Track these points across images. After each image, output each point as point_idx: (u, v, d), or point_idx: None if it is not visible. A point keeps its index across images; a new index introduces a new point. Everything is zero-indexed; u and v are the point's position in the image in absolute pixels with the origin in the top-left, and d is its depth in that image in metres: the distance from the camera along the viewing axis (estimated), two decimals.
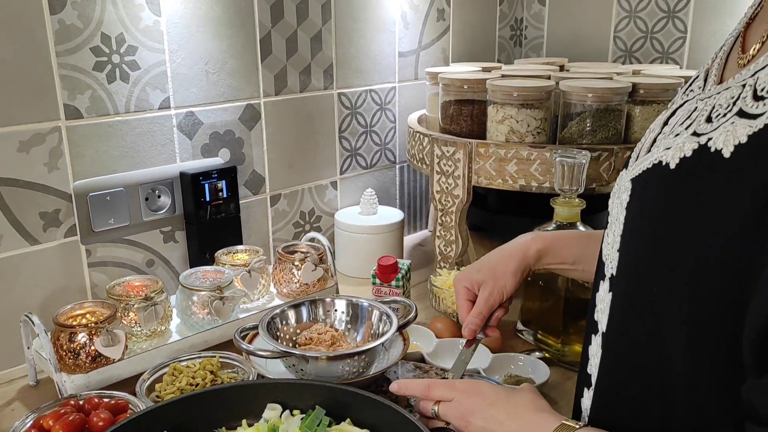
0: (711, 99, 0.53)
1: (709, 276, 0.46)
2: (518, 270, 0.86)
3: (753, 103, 0.46)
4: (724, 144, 0.46)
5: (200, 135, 1.16)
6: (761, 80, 0.47)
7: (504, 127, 1.17)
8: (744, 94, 0.48)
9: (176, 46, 1.09)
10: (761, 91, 0.46)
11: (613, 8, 1.55)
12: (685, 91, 0.61)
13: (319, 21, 1.28)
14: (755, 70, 0.49)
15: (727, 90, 0.51)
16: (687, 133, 0.51)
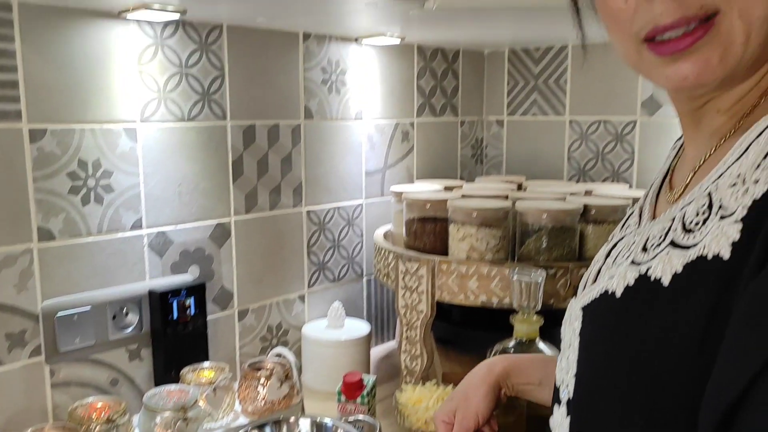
0: (645, 231, 0.58)
1: (662, 398, 0.49)
2: (489, 390, 0.88)
3: (683, 235, 0.51)
4: (662, 272, 0.50)
5: (170, 253, 1.19)
6: (688, 214, 0.52)
7: (465, 245, 1.23)
8: (674, 226, 0.53)
9: (151, 170, 1.14)
10: (689, 225, 0.51)
11: (566, 131, 1.66)
12: (622, 227, 0.67)
13: (290, 144, 1.36)
14: (682, 205, 0.54)
15: (659, 224, 0.56)
16: (627, 262, 0.56)
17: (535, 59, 1.69)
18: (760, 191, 0.46)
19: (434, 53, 1.65)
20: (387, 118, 1.56)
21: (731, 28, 0.48)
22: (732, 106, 0.54)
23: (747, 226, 0.45)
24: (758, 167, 0.48)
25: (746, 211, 0.46)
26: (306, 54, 1.36)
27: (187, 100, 1.18)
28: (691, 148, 0.60)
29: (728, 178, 0.50)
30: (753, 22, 0.47)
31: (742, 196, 0.47)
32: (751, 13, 0.47)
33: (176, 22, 1.14)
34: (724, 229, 0.47)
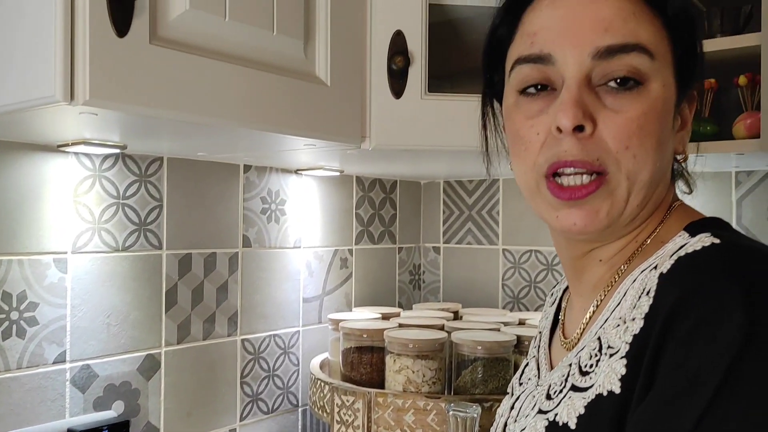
0: (546, 380, 0.61)
1: None
2: None
3: (581, 378, 0.54)
4: (568, 416, 0.53)
5: (94, 388, 1.13)
6: (583, 359, 0.56)
7: (401, 377, 1.22)
8: (572, 371, 0.56)
9: (79, 301, 1.11)
10: (585, 367, 0.55)
11: (499, 259, 1.71)
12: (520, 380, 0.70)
13: (226, 272, 1.35)
14: (577, 351, 0.58)
15: (558, 371, 0.59)
16: (534, 412, 0.59)
17: (468, 190, 1.76)
18: (638, 326, 0.50)
19: (372, 183, 1.71)
20: (326, 246, 1.58)
21: (618, 187, 0.54)
22: (612, 257, 0.60)
23: (630, 361, 0.50)
24: (634, 308, 0.52)
25: (628, 347, 0.50)
26: (246, 184, 1.39)
27: (122, 230, 1.17)
28: (578, 298, 0.65)
29: (612, 320, 0.55)
30: (636, 184, 0.55)
31: (623, 334, 0.52)
32: (636, 177, 0.54)
33: (116, 155, 1.16)
34: (612, 366, 0.51)
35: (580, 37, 0.54)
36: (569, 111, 0.53)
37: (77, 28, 0.70)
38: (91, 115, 0.79)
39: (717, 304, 0.45)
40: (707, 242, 0.50)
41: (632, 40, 0.54)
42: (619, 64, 0.54)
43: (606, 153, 0.54)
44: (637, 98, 0.54)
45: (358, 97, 1.05)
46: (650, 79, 0.54)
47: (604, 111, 0.54)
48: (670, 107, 0.56)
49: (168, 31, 0.79)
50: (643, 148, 0.53)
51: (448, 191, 1.80)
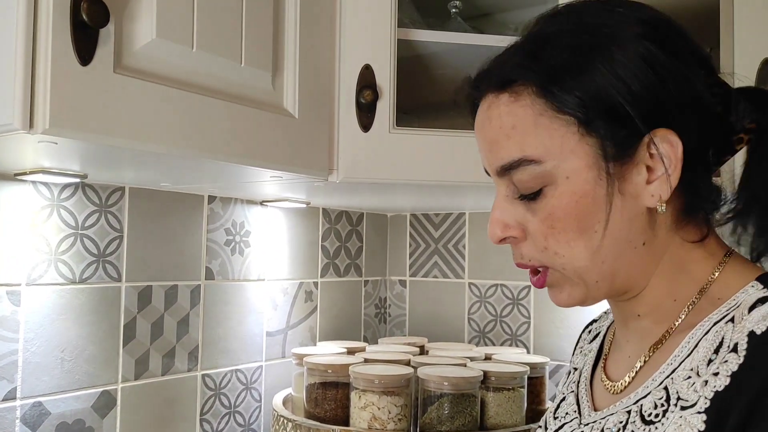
0: (596, 424, 0.59)
1: None
2: None
3: (644, 426, 0.53)
4: None
5: (46, 426, 1.08)
6: (646, 407, 0.54)
7: (366, 414, 1.19)
8: (632, 418, 0.55)
9: (32, 335, 1.06)
10: (648, 416, 0.53)
11: (465, 293, 1.71)
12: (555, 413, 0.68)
13: (188, 305, 1.32)
14: (636, 398, 0.56)
15: (612, 415, 0.58)
16: None
17: (435, 224, 1.77)
18: (722, 383, 0.49)
19: (339, 215, 1.70)
20: (291, 279, 1.56)
21: (563, 277, 0.58)
22: (650, 312, 0.60)
23: (711, 416, 0.48)
24: (711, 362, 0.51)
25: (709, 403, 0.49)
26: (210, 215, 1.36)
27: (80, 261, 1.13)
28: (625, 342, 0.64)
29: (682, 371, 0.53)
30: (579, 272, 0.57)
31: (701, 388, 0.50)
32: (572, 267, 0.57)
33: (76, 184, 1.13)
34: (687, 419, 0.49)
35: (488, 161, 0.60)
36: (490, 229, 0.59)
37: (39, 54, 0.69)
38: (51, 144, 0.76)
39: None
40: None
41: (516, 155, 0.57)
42: (515, 180, 0.57)
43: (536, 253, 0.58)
44: (540, 204, 0.57)
45: (326, 129, 1.05)
46: (547, 182, 0.56)
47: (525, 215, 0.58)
48: (589, 188, 0.55)
49: (133, 60, 0.77)
50: (562, 243, 0.56)
51: (414, 224, 1.80)
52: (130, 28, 0.77)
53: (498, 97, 0.58)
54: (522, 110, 0.56)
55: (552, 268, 0.58)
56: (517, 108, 0.56)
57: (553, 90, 0.55)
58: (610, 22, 0.55)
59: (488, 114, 0.59)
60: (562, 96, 0.55)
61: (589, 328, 0.81)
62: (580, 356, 0.76)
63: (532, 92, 0.56)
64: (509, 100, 0.57)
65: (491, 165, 0.59)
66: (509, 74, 0.57)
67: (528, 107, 0.56)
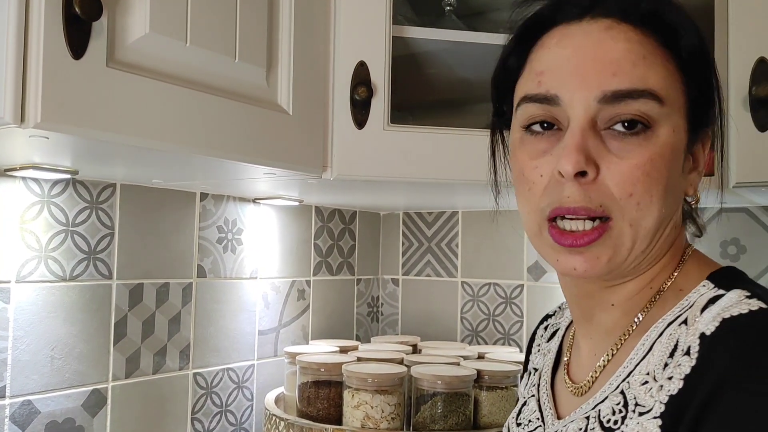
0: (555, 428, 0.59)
1: None
2: None
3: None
4: None
5: (35, 425, 1.07)
6: (604, 412, 0.54)
7: (359, 413, 1.19)
8: (591, 425, 0.54)
9: (22, 333, 1.05)
10: (607, 423, 0.53)
11: (458, 292, 1.71)
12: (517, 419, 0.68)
13: (179, 303, 1.31)
14: (594, 403, 0.56)
15: (573, 422, 0.57)
16: None
17: (428, 222, 1.76)
18: (675, 387, 0.49)
19: (332, 214, 1.69)
20: (283, 277, 1.55)
21: (621, 235, 0.53)
22: (625, 302, 0.58)
23: (666, 421, 0.48)
24: (666, 366, 0.51)
25: (664, 407, 0.49)
26: (202, 213, 1.35)
27: (70, 258, 1.12)
28: (586, 340, 0.63)
29: (638, 376, 0.53)
30: (640, 232, 0.53)
31: (657, 393, 0.50)
32: (640, 224, 0.53)
33: (66, 180, 1.11)
34: (644, 425, 0.49)
35: (587, 80, 0.53)
36: (572, 157, 0.52)
37: (31, 48, 0.68)
38: (42, 139, 0.75)
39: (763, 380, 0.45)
40: (753, 306, 0.49)
41: (641, 85, 0.52)
42: (626, 109, 0.53)
43: (609, 199, 0.53)
44: (644, 144, 0.53)
45: (320, 126, 1.04)
46: (658, 125, 0.53)
47: (608, 156, 0.53)
48: (680, 151, 0.55)
49: (126, 54, 0.76)
50: (648, 195, 0.52)
51: (407, 223, 1.80)
52: (123, 21, 0.76)
53: (622, 23, 0.54)
54: (652, 48, 0.54)
55: (611, 222, 0.53)
56: (648, 43, 0.54)
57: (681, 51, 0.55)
58: None
59: (610, 34, 0.54)
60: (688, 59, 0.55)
61: (545, 324, 0.80)
62: (539, 356, 0.75)
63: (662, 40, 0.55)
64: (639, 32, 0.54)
65: (597, 87, 0.53)
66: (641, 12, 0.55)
67: (659, 49, 0.54)
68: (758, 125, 0.96)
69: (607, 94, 0.53)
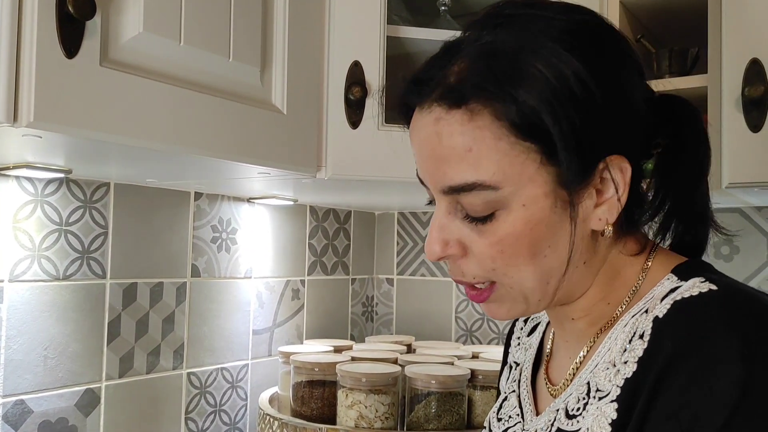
0: (532, 426, 0.61)
1: None
2: None
3: (567, 422, 0.55)
4: None
5: (28, 425, 1.07)
6: (570, 403, 0.56)
7: (353, 413, 1.19)
8: (558, 416, 0.57)
9: (15, 332, 1.05)
10: (572, 411, 0.55)
11: (453, 291, 1.71)
12: (498, 414, 0.68)
13: (173, 303, 1.30)
14: (565, 397, 0.58)
15: (544, 417, 0.60)
16: None
17: (422, 222, 1.76)
18: (630, 370, 0.50)
19: (327, 213, 1.69)
20: (278, 276, 1.55)
21: (509, 293, 0.56)
22: (584, 316, 0.60)
23: (621, 405, 0.50)
24: (624, 351, 0.53)
25: (620, 391, 0.50)
26: (196, 212, 1.35)
27: (63, 258, 1.12)
28: (563, 342, 0.65)
29: (602, 364, 0.55)
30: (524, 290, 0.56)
31: (614, 377, 0.52)
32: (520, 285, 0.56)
33: (60, 179, 1.11)
34: (602, 409, 0.51)
35: (430, 176, 0.57)
36: (429, 247, 0.56)
37: (24, 47, 0.68)
38: (35, 138, 0.75)
39: (715, 356, 0.46)
40: (704, 288, 0.50)
41: (470, 179, 0.53)
42: (464, 202, 0.54)
43: (481, 271, 0.56)
44: (492, 227, 0.54)
45: (315, 126, 1.04)
46: (501, 207, 0.53)
47: (471, 235, 0.55)
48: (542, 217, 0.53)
49: (120, 53, 0.76)
50: (511, 266, 0.54)
51: (402, 222, 1.80)
52: (116, 20, 0.76)
53: (449, 112, 0.53)
54: (479, 132, 0.52)
55: (497, 284, 0.56)
56: (473, 129, 0.52)
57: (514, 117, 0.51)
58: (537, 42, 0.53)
59: (437, 129, 0.54)
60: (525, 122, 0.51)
61: (527, 318, 0.80)
62: (520, 351, 0.75)
63: (491, 114, 0.52)
64: (464, 119, 0.53)
65: (437, 183, 0.55)
66: (466, 92, 0.53)
67: (486, 129, 0.52)
68: (751, 126, 0.96)
69: (445, 189, 0.55)
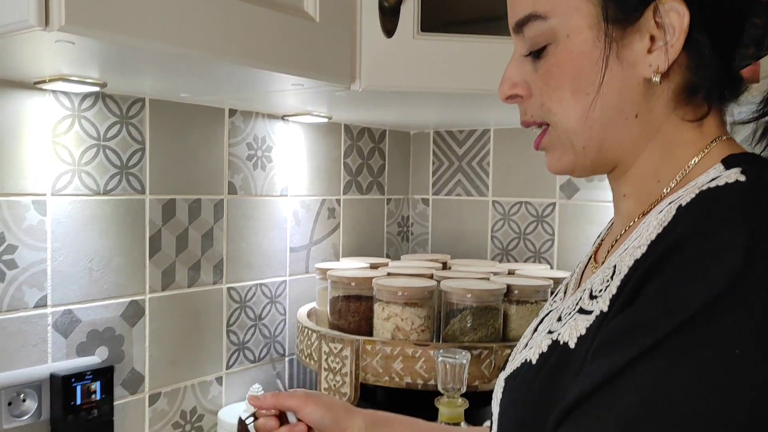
0: (563, 304, 0.62)
1: None
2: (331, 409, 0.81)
3: (589, 302, 0.56)
4: (569, 337, 0.54)
5: (77, 333, 1.11)
6: (595, 285, 0.57)
7: (390, 325, 1.21)
8: (584, 296, 0.58)
9: (60, 245, 1.08)
10: (595, 292, 0.56)
11: (489, 211, 1.70)
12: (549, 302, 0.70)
13: (212, 219, 1.32)
14: (594, 278, 0.59)
15: (573, 296, 0.61)
16: (544, 332, 0.60)
17: (458, 141, 1.74)
18: (640, 253, 0.51)
19: (361, 132, 1.68)
20: (313, 195, 1.56)
21: (557, 136, 0.59)
22: (634, 192, 0.60)
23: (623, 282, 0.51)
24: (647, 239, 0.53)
25: (627, 270, 0.51)
26: (231, 129, 1.35)
27: (103, 173, 1.13)
28: (615, 227, 0.66)
29: (630, 249, 0.55)
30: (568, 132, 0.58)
31: (629, 259, 0.53)
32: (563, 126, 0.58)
33: (96, 93, 1.11)
34: (610, 289, 0.53)
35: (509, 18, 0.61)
36: (500, 86, 0.62)
37: None
38: (68, 44, 0.75)
39: (718, 245, 0.45)
40: (732, 179, 0.49)
41: (526, 11, 0.58)
42: (526, 36, 0.59)
43: (538, 110, 0.59)
44: (544, 60, 0.58)
45: (348, 35, 1.01)
46: (552, 39, 0.57)
47: (531, 73, 0.60)
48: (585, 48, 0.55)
49: None
50: (555, 101, 0.58)
51: (438, 141, 1.77)
52: None
53: None
54: None
55: (551, 127, 0.59)
56: None
57: None
58: None
59: None
60: None
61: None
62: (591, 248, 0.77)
63: None
64: None
65: (510, 22, 0.60)
66: None
67: None
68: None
69: (514, 26, 0.60)
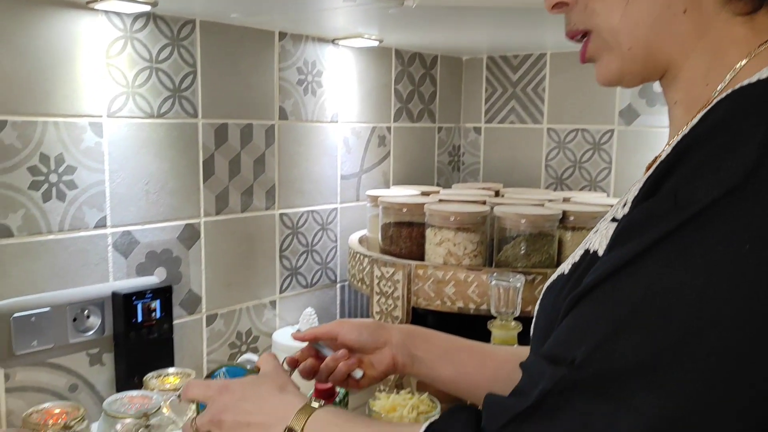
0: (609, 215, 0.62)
1: None
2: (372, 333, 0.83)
3: (621, 211, 0.55)
4: (599, 245, 0.54)
5: (136, 254, 1.14)
6: (630, 196, 0.55)
7: (442, 250, 1.20)
8: (617, 206, 0.57)
9: (117, 166, 1.09)
10: (628, 203, 0.54)
11: (543, 139, 1.65)
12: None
13: (263, 145, 1.32)
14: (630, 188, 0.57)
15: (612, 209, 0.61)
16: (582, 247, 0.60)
17: (513, 66, 1.68)
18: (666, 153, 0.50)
19: (412, 58, 1.64)
20: (363, 122, 1.54)
21: (600, 41, 0.57)
22: (684, 99, 0.58)
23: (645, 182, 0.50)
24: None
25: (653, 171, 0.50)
26: (281, 53, 1.33)
27: (156, 95, 1.14)
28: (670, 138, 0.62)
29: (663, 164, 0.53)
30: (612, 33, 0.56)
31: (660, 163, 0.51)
32: (609, 24, 0.56)
33: (147, 14, 1.10)
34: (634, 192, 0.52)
35: None
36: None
37: None
38: None
39: (736, 139, 0.44)
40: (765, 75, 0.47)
41: None
42: None
43: (582, 16, 0.57)
44: None
45: None
46: None
47: None
48: None
49: None
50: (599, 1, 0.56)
51: (491, 67, 1.72)
52: None
53: None
54: None
55: (594, 33, 0.57)
56: None
57: None
58: None
59: None
60: None
61: None
62: None
63: None
64: None
65: None
66: None
67: None
68: None
69: None
